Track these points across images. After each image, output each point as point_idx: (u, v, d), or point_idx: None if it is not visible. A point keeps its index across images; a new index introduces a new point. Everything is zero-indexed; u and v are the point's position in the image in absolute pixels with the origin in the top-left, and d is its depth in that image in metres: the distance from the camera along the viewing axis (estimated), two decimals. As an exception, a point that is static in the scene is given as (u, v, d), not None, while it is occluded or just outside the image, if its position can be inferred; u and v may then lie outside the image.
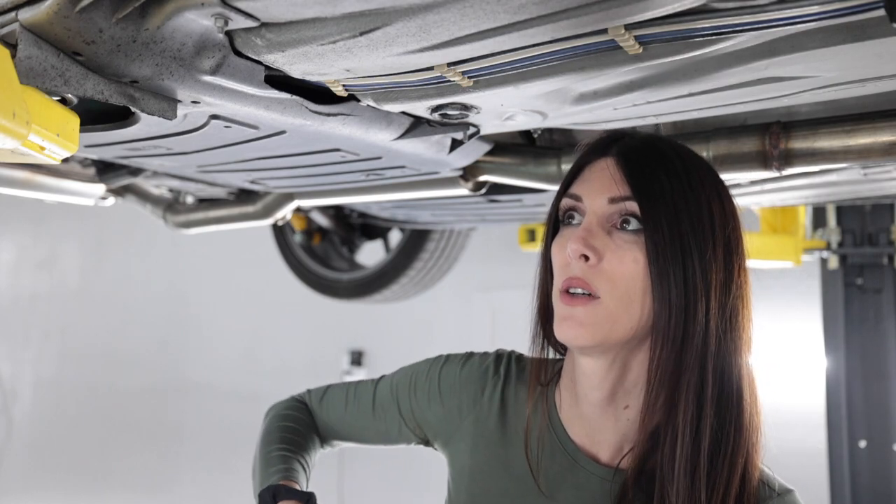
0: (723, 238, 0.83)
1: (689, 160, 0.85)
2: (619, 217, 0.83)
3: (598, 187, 0.84)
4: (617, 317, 0.81)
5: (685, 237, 0.80)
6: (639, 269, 0.80)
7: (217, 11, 0.78)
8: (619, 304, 0.81)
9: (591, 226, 0.83)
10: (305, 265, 3.12)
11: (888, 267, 2.90)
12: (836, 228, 2.95)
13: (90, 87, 0.87)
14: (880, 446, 2.88)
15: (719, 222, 0.83)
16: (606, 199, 0.83)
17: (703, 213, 0.82)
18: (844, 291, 2.95)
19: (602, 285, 0.81)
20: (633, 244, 0.81)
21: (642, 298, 0.81)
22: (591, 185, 0.85)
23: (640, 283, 0.80)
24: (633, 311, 0.81)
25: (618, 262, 0.81)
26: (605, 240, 0.82)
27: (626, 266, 0.81)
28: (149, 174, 1.80)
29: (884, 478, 2.85)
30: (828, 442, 2.96)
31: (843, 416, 2.91)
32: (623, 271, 0.81)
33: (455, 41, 0.82)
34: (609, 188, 0.83)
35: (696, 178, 0.84)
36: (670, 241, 0.80)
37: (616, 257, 0.81)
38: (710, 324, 0.80)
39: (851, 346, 2.93)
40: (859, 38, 0.80)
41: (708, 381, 0.79)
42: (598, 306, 0.81)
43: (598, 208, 0.84)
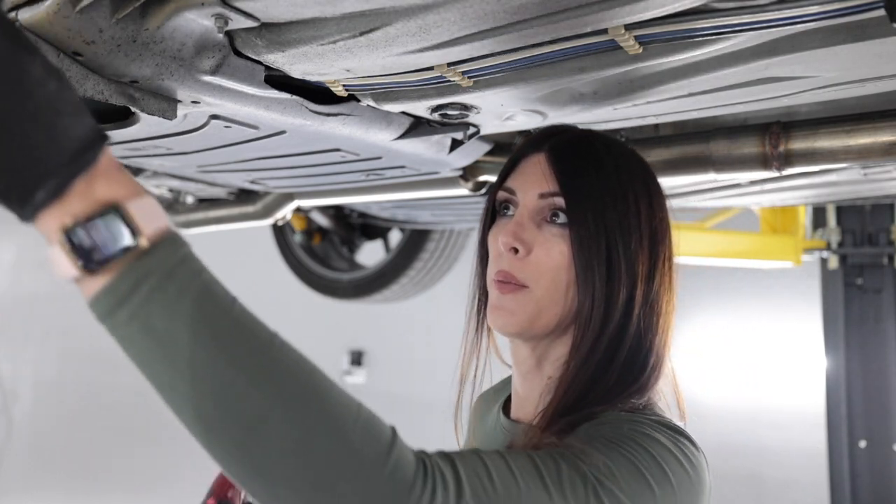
0: (649, 230, 0.87)
1: (620, 156, 0.90)
2: (548, 211, 0.87)
3: (530, 182, 0.89)
4: (544, 306, 0.86)
5: (611, 230, 0.85)
6: (565, 261, 0.85)
7: (217, 11, 0.78)
8: (546, 294, 0.86)
9: (521, 219, 0.88)
10: (305, 265, 3.12)
11: (888, 267, 2.90)
12: (836, 228, 2.96)
13: (90, 87, 0.87)
14: (880, 446, 2.88)
15: (646, 215, 0.87)
16: (537, 195, 0.88)
17: (629, 207, 0.86)
18: (844, 291, 2.95)
19: (530, 276, 0.86)
20: (560, 237, 0.86)
21: (568, 289, 0.85)
22: (524, 179, 0.90)
23: (567, 275, 0.85)
24: (560, 300, 0.86)
25: (545, 255, 0.86)
26: (535, 233, 0.87)
27: (553, 258, 0.86)
28: (149, 174, 1.80)
29: (884, 478, 2.85)
30: (828, 442, 2.96)
31: (843, 416, 2.92)
32: (550, 263, 0.85)
33: (455, 41, 0.82)
34: (539, 184, 0.88)
35: (625, 173, 0.88)
36: (595, 234, 0.84)
37: (544, 250, 0.86)
38: (634, 311, 0.85)
39: (851, 346, 2.93)
40: (859, 38, 0.80)
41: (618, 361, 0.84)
42: (527, 296, 0.86)
43: (530, 202, 0.88)
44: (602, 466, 0.70)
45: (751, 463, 3.88)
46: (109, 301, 0.56)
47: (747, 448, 3.88)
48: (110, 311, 0.57)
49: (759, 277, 3.80)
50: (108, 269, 0.56)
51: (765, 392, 3.90)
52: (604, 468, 0.70)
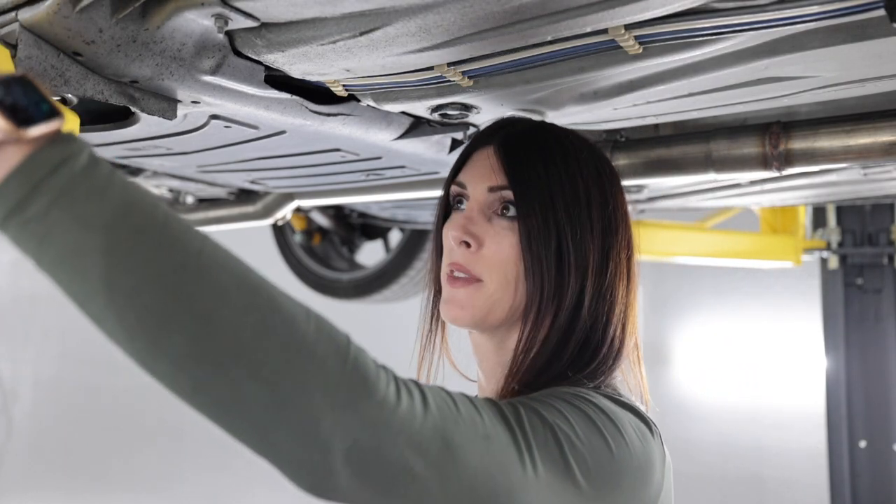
0: (601, 221, 0.87)
1: (570, 147, 0.89)
2: (498, 204, 0.88)
3: (480, 176, 0.89)
4: (496, 298, 0.86)
5: (560, 221, 0.85)
6: (515, 253, 0.86)
7: (217, 11, 0.78)
8: (499, 286, 0.86)
9: (472, 213, 0.88)
10: (305, 265, 3.12)
11: (888, 267, 2.90)
12: (836, 228, 2.95)
13: (90, 87, 0.87)
14: (880, 446, 2.88)
15: (597, 206, 0.87)
16: (486, 188, 0.88)
17: (579, 198, 0.86)
18: (844, 291, 2.95)
19: (482, 270, 0.87)
20: (510, 230, 0.86)
21: (519, 281, 0.86)
22: (474, 173, 0.90)
23: (517, 267, 0.86)
24: (511, 292, 0.86)
25: (496, 248, 0.86)
26: (485, 227, 0.88)
27: (503, 251, 0.86)
28: (149, 174, 1.79)
29: (884, 478, 2.85)
30: (828, 442, 2.96)
31: (843, 416, 2.92)
32: (501, 256, 0.86)
33: (455, 41, 0.82)
34: (488, 177, 0.88)
35: (575, 163, 0.88)
36: (544, 226, 0.85)
37: (494, 243, 0.87)
38: (585, 302, 0.85)
39: (851, 346, 2.93)
40: (859, 38, 0.80)
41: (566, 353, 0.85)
42: (480, 289, 0.87)
43: (480, 196, 0.89)
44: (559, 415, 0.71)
45: (751, 463, 3.88)
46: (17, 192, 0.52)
47: (748, 448, 3.88)
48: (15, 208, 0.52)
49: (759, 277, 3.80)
50: None
51: (765, 392, 3.90)
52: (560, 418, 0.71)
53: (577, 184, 0.87)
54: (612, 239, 0.88)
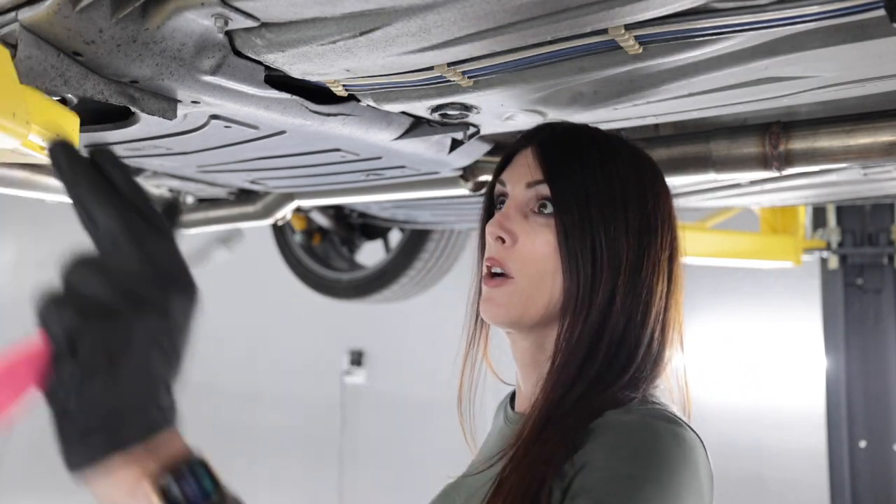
0: (637, 220, 0.87)
1: (608, 148, 0.91)
2: (535, 202, 0.89)
3: (519, 174, 0.92)
4: (530, 295, 0.87)
5: (595, 218, 0.86)
6: (550, 250, 0.87)
7: (217, 11, 0.78)
8: (532, 283, 0.87)
9: (509, 210, 0.90)
10: (305, 265, 3.12)
11: (888, 267, 2.90)
12: (836, 228, 2.96)
13: (90, 87, 0.87)
14: (880, 446, 2.88)
15: (634, 205, 0.88)
16: (524, 184, 0.90)
17: (615, 196, 0.87)
18: (844, 291, 2.96)
19: (515, 265, 0.88)
20: (546, 227, 0.88)
21: (554, 278, 0.86)
22: (514, 172, 0.93)
23: (552, 264, 0.86)
24: (546, 289, 0.87)
25: (531, 244, 0.88)
26: (522, 223, 0.89)
27: (538, 247, 0.87)
28: (149, 174, 1.80)
29: (884, 478, 2.85)
30: (828, 442, 2.97)
31: (843, 416, 2.92)
32: (536, 252, 0.87)
33: (455, 41, 0.82)
34: (526, 174, 0.91)
35: (611, 163, 0.89)
36: (579, 221, 0.86)
37: (529, 239, 0.88)
38: (617, 300, 0.85)
39: (851, 346, 2.93)
40: (859, 38, 0.80)
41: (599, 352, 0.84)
42: (513, 286, 0.88)
43: (518, 193, 0.91)
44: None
45: (751, 463, 3.88)
46: None
47: (748, 448, 3.88)
48: None
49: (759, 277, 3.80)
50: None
51: (765, 392, 3.90)
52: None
53: (614, 182, 0.88)
54: (649, 238, 0.88)
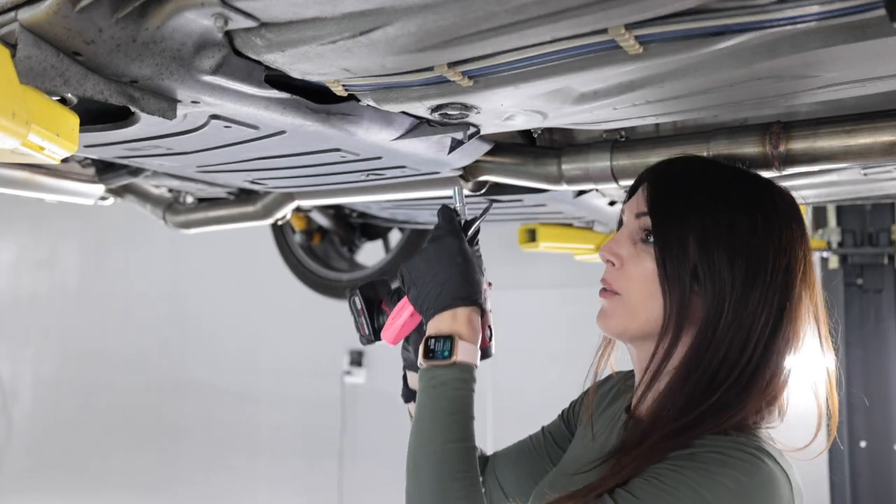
0: (744, 251, 0.92)
1: (716, 182, 0.98)
2: (642, 231, 0.99)
3: (632, 205, 1.02)
4: (634, 311, 0.97)
5: (693, 251, 0.93)
6: (651, 274, 0.95)
7: (217, 11, 0.78)
8: (637, 300, 0.97)
9: (620, 236, 1.01)
10: (305, 265, 3.12)
11: (888, 267, 2.90)
12: (836, 228, 2.96)
13: (90, 87, 0.87)
14: (880, 446, 2.88)
15: (740, 237, 0.93)
16: (634, 215, 1.00)
17: (717, 230, 0.93)
18: (844, 291, 2.96)
19: (622, 285, 0.99)
20: (649, 255, 0.96)
21: (655, 298, 0.95)
22: (631, 202, 1.03)
23: (653, 286, 0.95)
24: (648, 308, 0.96)
25: (634, 267, 0.97)
26: (630, 249, 0.99)
27: (641, 271, 0.97)
28: (149, 174, 1.80)
29: (884, 478, 2.85)
30: (828, 442, 2.96)
31: (843, 416, 2.92)
32: (638, 275, 0.97)
33: (455, 41, 0.82)
34: (637, 206, 1.00)
35: (718, 198, 0.95)
36: (676, 253, 0.93)
37: (633, 263, 0.98)
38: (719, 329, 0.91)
39: (851, 346, 2.93)
40: (859, 38, 0.80)
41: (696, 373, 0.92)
42: (620, 302, 0.99)
43: (630, 222, 1.01)
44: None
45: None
46: (421, 375, 1.04)
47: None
48: (420, 379, 1.04)
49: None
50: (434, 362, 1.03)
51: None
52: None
53: (717, 216, 0.93)
54: (757, 270, 0.92)
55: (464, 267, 1.07)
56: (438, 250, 1.08)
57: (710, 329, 0.92)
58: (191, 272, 5.64)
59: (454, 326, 1.04)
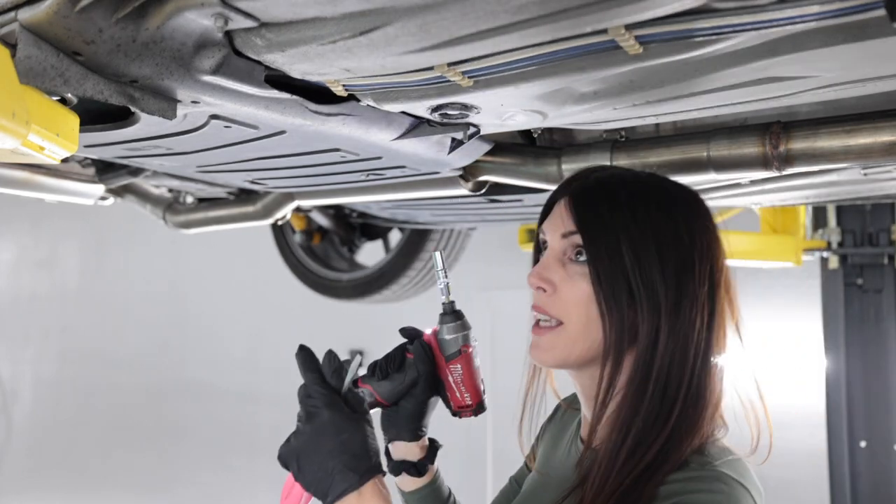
0: (673, 260, 0.90)
1: (638, 192, 0.94)
2: (571, 250, 0.94)
3: (555, 225, 0.96)
4: (576, 339, 0.92)
5: (628, 265, 0.89)
6: (588, 295, 0.91)
7: (217, 11, 0.78)
8: (578, 327, 0.92)
9: (547, 260, 0.95)
10: (305, 265, 3.12)
11: (888, 267, 2.90)
12: (836, 228, 2.96)
13: (90, 87, 0.87)
14: (880, 446, 2.88)
15: (669, 245, 0.90)
16: (560, 235, 0.95)
17: (646, 241, 0.90)
18: (844, 291, 2.95)
19: (560, 311, 0.93)
20: (582, 275, 0.92)
21: (595, 321, 0.91)
22: (550, 222, 0.97)
23: (591, 308, 0.91)
24: (590, 332, 0.91)
25: (569, 291, 0.92)
26: (560, 271, 0.93)
27: (576, 294, 0.92)
28: (149, 174, 1.80)
29: (884, 478, 2.85)
30: (828, 442, 2.96)
31: (843, 416, 2.92)
32: (575, 298, 0.92)
33: (455, 41, 0.82)
34: (560, 225, 0.95)
35: (642, 206, 0.91)
36: (612, 267, 0.89)
37: (567, 287, 0.93)
38: (659, 342, 0.88)
39: (851, 346, 2.93)
40: (859, 38, 0.80)
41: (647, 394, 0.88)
42: (561, 332, 0.93)
43: (555, 243, 0.95)
44: None
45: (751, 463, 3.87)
46: None
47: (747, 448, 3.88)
48: None
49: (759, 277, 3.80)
50: None
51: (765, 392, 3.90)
52: None
53: (644, 226, 0.90)
54: (686, 276, 0.90)
55: (351, 441, 0.96)
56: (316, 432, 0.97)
57: (650, 345, 0.89)
58: (191, 272, 5.64)
59: None
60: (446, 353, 1.10)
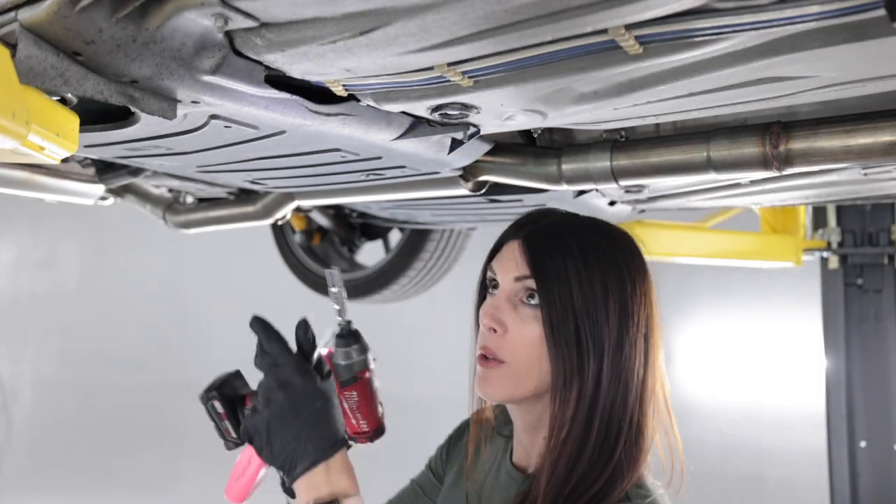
0: (617, 305, 0.95)
1: (588, 239, 0.99)
2: (523, 293, 0.97)
3: (507, 267, 1.00)
4: (520, 377, 0.96)
5: (578, 309, 0.93)
6: (538, 338, 0.95)
7: (217, 11, 0.78)
8: (522, 367, 0.96)
9: (499, 301, 0.99)
10: (305, 265, 3.11)
11: (888, 267, 2.90)
12: (836, 228, 2.96)
13: (90, 87, 0.87)
14: (880, 446, 2.88)
15: (614, 292, 0.95)
16: (512, 278, 0.99)
17: (595, 287, 0.95)
18: (845, 291, 2.96)
19: (507, 352, 0.96)
20: (533, 318, 0.96)
21: (542, 362, 0.95)
22: (503, 263, 1.01)
23: (539, 350, 0.95)
24: (534, 372, 0.95)
25: (519, 333, 0.96)
26: (512, 314, 0.97)
27: (526, 336, 0.95)
28: (149, 174, 1.80)
29: (884, 478, 2.85)
30: (828, 442, 2.96)
31: (843, 416, 2.92)
32: (524, 341, 0.95)
33: (455, 41, 0.82)
34: (514, 268, 0.99)
35: (592, 255, 0.96)
36: (563, 312, 0.93)
37: (518, 329, 0.96)
38: (602, 382, 0.93)
39: (851, 346, 2.93)
40: (859, 38, 0.80)
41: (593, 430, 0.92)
42: (505, 370, 0.96)
43: (507, 285, 0.99)
44: None
45: (751, 463, 3.87)
46: None
47: (747, 448, 3.88)
48: None
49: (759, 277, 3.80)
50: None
51: (765, 392, 3.90)
52: None
53: (594, 274, 0.95)
54: (628, 322, 0.95)
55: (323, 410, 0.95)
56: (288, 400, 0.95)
57: (595, 385, 0.92)
58: (191, 272, 5.64)
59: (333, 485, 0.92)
60: (341, 379, 1.04)
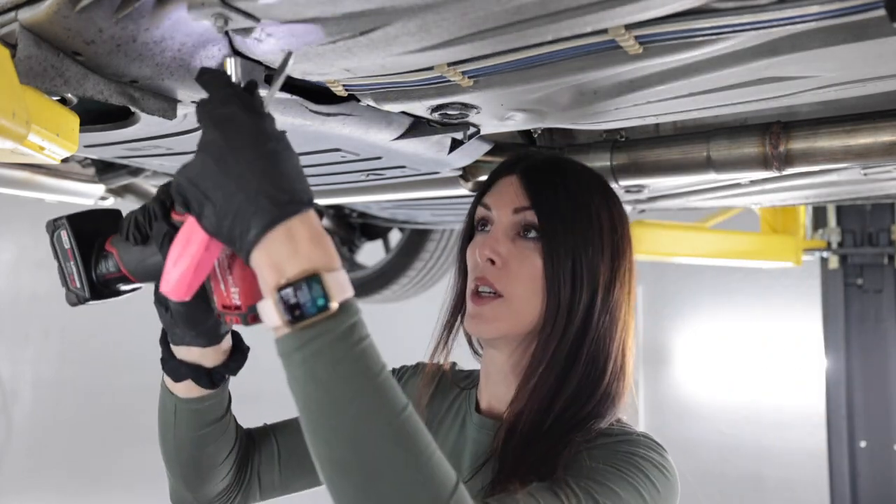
0: (610, 243, 0.97)
1: (583, 178, 1.01)
2: (521, 226, 0.97)
3: (505, 200, 0.99)
4: (519, 311, 0.95)
5: (577, 243, 0.94)
6: (536, 271, 0.95)
7: (217, 11, 0.78)
8: (521, 300, 0.95)
9: (497, 234, 0.98)
10: (305, 265, 3.11)
11: (888, 267, 2.90)
12: (836, 228, 2.96)
13: (90, 87, 0.87)
14: (880, 446, 2.88)
15: (607, 229, 0.97)
16: (511, 210, 0.98)
17: (592, 222, 0.96)
18: (845, 291, 2.96)
19: (506, 285, 0.95)
20: (532, 250, 0.96)
21: (540, 295, 0.95)
22: (499, 197, 1.00)
23: (538, 283, 0.95)
24: (533, 306, 0.95)
25: (519, 266, 0.95)
26: (510, 246, 0.97)
27: (526, 269, 0.95)
28: (149, 174, 1.79)
29: (884, 478, 2.85)
30: (828, 442, 2.97)
31: (843, 416, 2.92)
32: (524, 273, 0.95)
33: (455, 41, 0.82)
34: (513, 200, 0.98)
35: (587, 193, 0.98)
36: (563, 246, 0.94)
37: (517, 261, 0.96)
38: (593, 316, 0.94)
39: (851, 346, 2.93)
40: (859, 38, 0.80)
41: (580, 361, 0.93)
42: (503, 304, 0.95)
43: (504, 218, 0.98)
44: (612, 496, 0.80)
45: (751, 463, 3.88)
46: (291, 344, 0.67)
47: (747, 448, 3.89)
48: (289, 353, 0.67)
49: (759, 277, 3.80)
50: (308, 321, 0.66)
51: (765, 392, 3.90)
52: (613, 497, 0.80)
53: (591, 211, 0.97)
54: (619, 262, 0.97)
55: (279, 152, 0.68)
56: (231, 138, 0.69)
57: (585, 319, 0.94)
58: (191, 272, 5.63)
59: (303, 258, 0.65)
60: None
